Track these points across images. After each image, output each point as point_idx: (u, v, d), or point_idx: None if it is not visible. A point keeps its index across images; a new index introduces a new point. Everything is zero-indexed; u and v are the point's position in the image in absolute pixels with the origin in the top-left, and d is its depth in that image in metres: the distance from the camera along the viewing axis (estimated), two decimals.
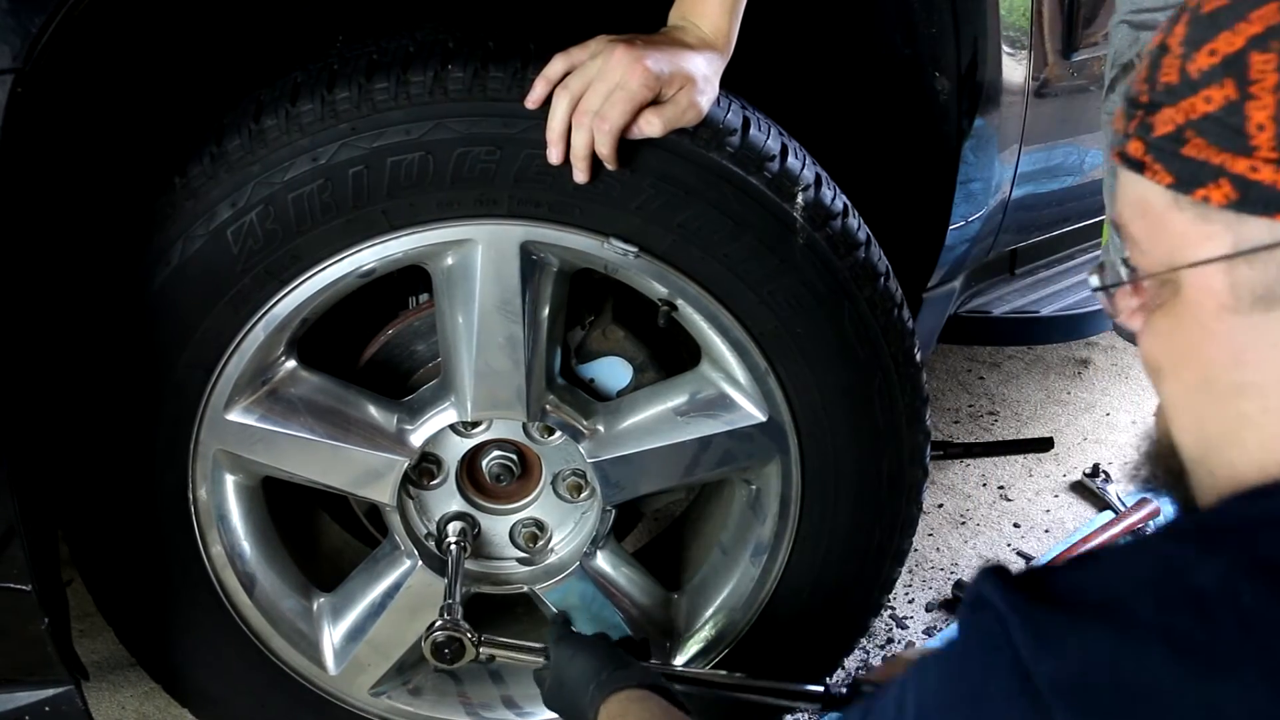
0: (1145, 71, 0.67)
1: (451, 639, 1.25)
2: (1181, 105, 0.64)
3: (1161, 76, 0.65)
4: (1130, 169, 0.67)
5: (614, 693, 1.11)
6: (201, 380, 1.24)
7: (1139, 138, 0.66)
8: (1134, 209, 0.68)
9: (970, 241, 1.60)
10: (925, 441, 1.39)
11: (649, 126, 1.11)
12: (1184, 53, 0.64)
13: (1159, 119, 0.65)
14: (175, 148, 1.19)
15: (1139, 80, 0.67)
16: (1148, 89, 0.66)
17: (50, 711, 1.23)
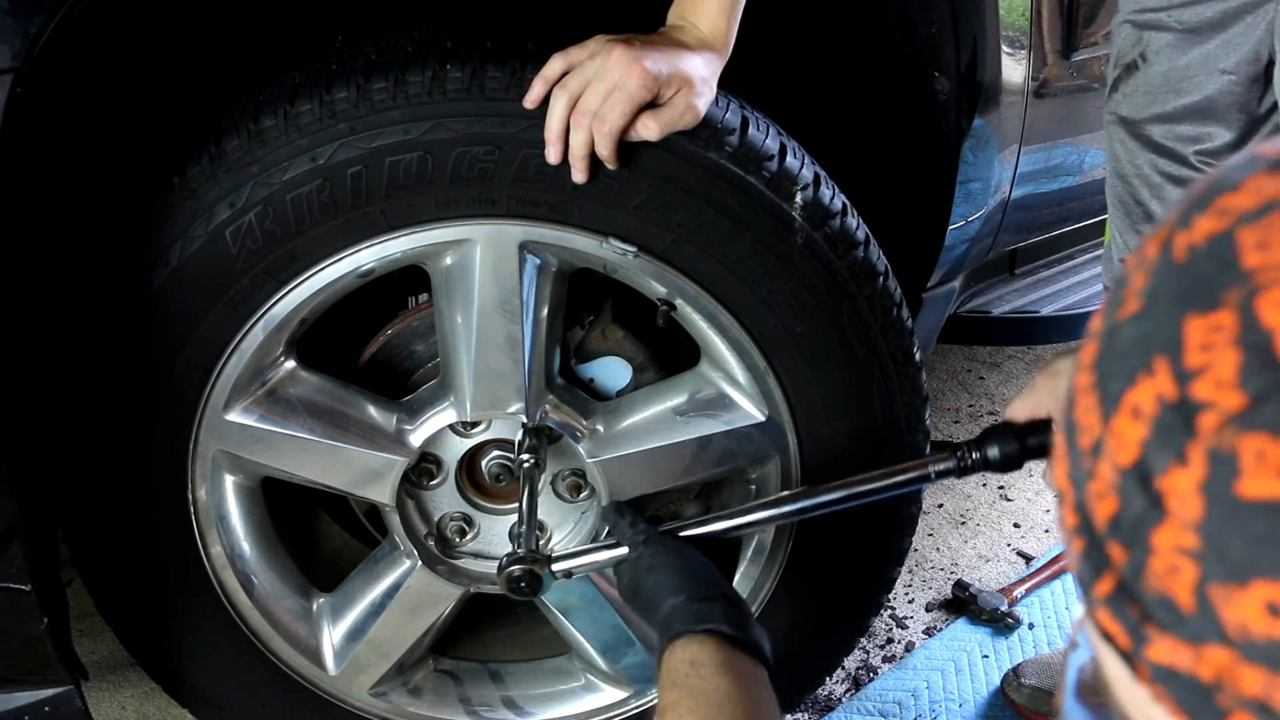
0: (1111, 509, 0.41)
1: (527, 574, 1.14)
2: (1207, 654, 0.39)
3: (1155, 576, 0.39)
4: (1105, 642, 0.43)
5: (687, 637, 0.95)
6: (200, 380, 1.24)
7: (1117, 620, 0.42)
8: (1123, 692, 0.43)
9: (970, 241, 1.60)
10: (925, 441, 1.39)
11: (646, 130, 1.11)
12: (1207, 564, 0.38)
13: (1160, 641, 0.40)
14: (174, 148, 1.19)
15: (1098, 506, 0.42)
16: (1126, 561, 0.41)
17: (50, 712, 1.23)
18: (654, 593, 1.02)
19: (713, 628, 0.95)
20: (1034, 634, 1.92)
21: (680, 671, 0.92)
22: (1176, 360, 0.38)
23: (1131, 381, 0.40)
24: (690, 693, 0.89)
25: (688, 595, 0.99)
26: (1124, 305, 0.42)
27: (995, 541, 2.17)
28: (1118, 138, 1.40)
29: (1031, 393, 1.06)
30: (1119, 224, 1.45)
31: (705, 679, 0.90)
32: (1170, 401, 0.38)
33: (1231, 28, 1.25)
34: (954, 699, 1.79)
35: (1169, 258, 0.40)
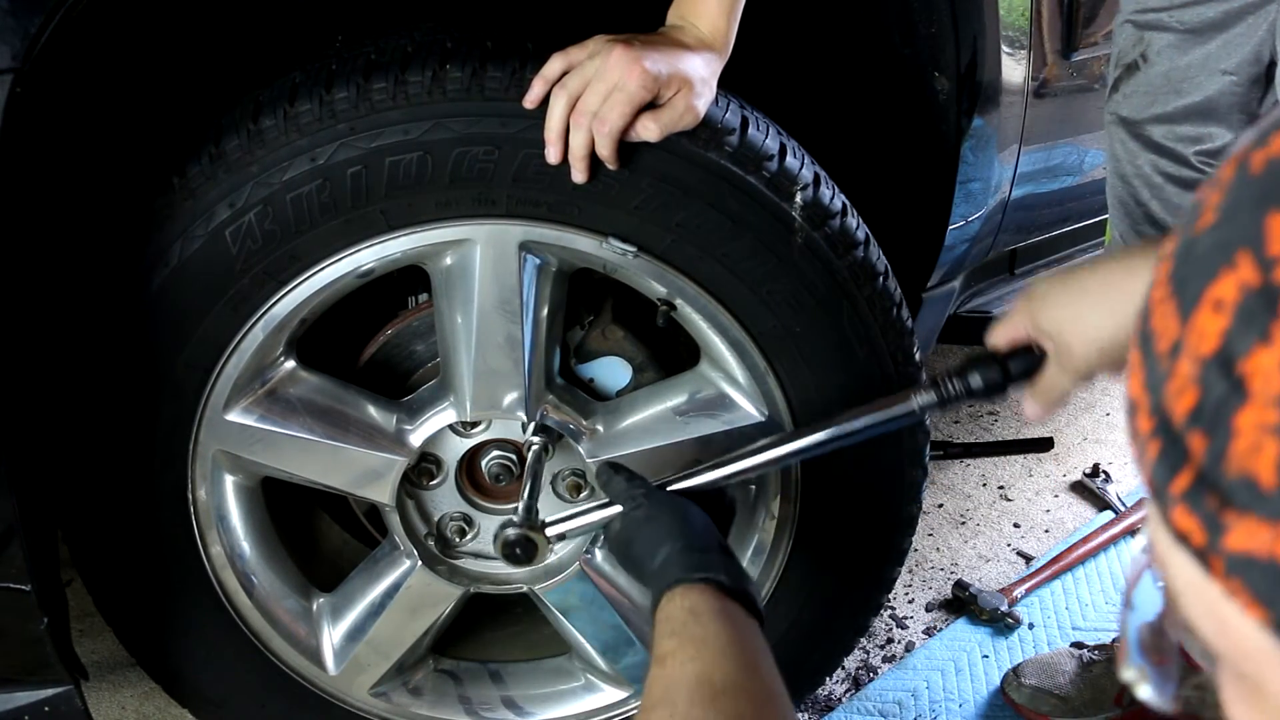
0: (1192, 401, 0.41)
1: (522, 538, 1.15)
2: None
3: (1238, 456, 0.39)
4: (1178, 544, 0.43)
5: (684, 585, 0.95)
6: (200, 380, 1.24)
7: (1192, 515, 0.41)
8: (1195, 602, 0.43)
9: (970, 241, 1.60)
10: (925, 441, 1.39)
11: (646, 132, 1.11)
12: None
13: (1238, 526, 0.40)
14: (174, 148, 1.19)
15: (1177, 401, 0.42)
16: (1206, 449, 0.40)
17: (50, 712, 1.23)
18: (648, 544, 1.01)
19: (710, 576, 0.95)
20: (1034, 634, 1.92)
21: (678, 619, 0.91)
22: (1259, 250, 0.39)
23: (1212, 277, 0.40)
24: (690, 639, 0.88)
25: (684, 544, 0.99)
26: (1199, 220, 0.43)
27: (995, 541, 2.17)
28: (1118, 138, 1.40)
29: (1011, 317, 1.04)
30: (1119, 224, 1.45)
31: (705, 626, 0.90)
32: (1254, 287, 0.39)
33: (1233, 28, 1.25)
34: (954, 699, 1.79)
35: (1246, 173, 0.41)
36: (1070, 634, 1.92)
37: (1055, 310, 1.00)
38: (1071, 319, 0.98)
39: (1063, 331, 0.99)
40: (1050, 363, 1.01)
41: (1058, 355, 1.00)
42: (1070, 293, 0.99)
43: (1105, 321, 0.96)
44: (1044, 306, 1.01)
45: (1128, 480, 2.35)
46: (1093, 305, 0.97)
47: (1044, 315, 1.01)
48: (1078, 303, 0.98)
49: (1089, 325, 0.97)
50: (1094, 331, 0.97)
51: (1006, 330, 1.05)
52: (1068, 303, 0.99)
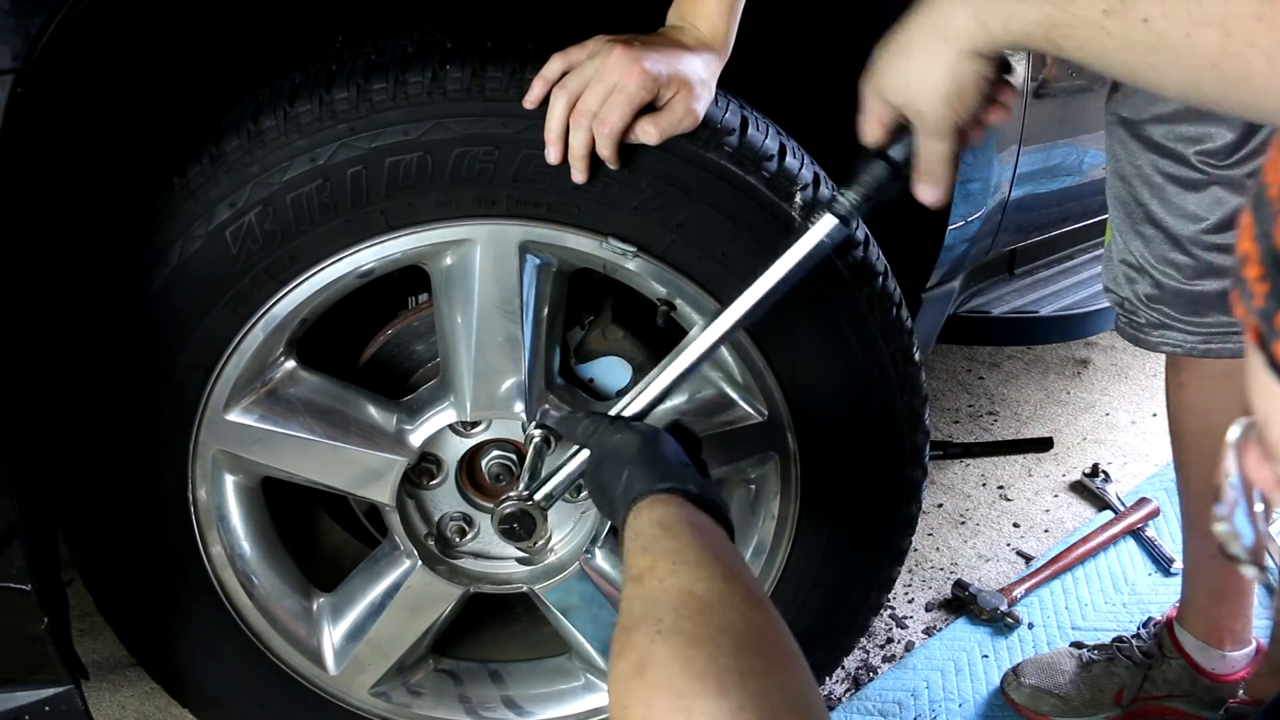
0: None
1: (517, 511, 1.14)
2: None
3: None
4: None
5: (650, 498, 0.93)
6: (201, 381, 1.24)
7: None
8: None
9: (969, 241, 1.61)
10: (924, 441, 1.40)
11: (645, 135, 1.11)
12: None
13: None
14: (174, 148, 1.20)
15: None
16: None
17: (50, 711, 1.23)
18: (613, 468, 1.00)
19: (675, 485, 0.94)
20: (1033, 633, 1.93)
21: (649, 534, 0.89)
22: None
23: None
24: (665, 553, 0.86)
25: (647, 459, 0.97)
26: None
27: (995, 541, 2.17)
28: (1118, 138, 1.40)
29: (866, 106, 1.00)
30: (1119, 224, 1.45)
31: (676, 538, 0.88)
32: None
33: None
34: (954, 698, 1.79)
35: None
36: (1070, 634, 1.93)
37: (892, 76, 0.96)
38: (909, 78, 0.94)
39: (909, 94, 0.95)
40: (917, 134, 0.97)
41: (916, 121, 0.96)
42: (898, 54, 0.95)
43: (934, 70, 0.92)
44: (882, 79, 0.97)
45: (1127, 480, 2.35)
46: (918, 58, 0.93)
47: (886, 87, 0.97)
48: (907, 61, 0.94)
49: (924, 78, 0.93)
50: (932, 83, 0.93)
51: (868, 121, 1.00)
52: (899, 64, 0.95)
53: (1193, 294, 1.39)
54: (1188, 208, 1.35)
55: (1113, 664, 1.74)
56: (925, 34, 0.93)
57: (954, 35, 0.91)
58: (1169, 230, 1.37)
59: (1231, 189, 1.32)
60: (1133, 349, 2.78)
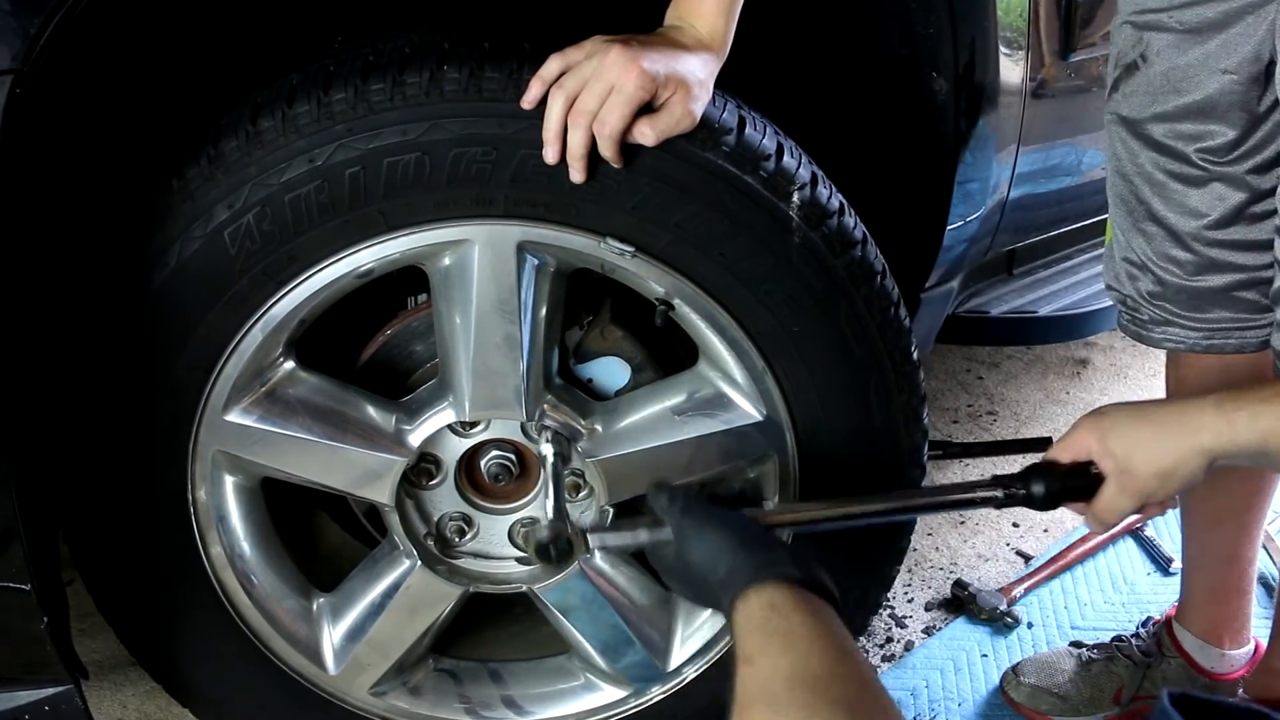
0: None
1: (559, 535, 1.13)
2: None
3: None
4: None
5: (758, 584, 0.94)
6: (200, 381, 1.24)
7: None
8: None
9: (968, 241, 1.61)
10: (923, 441, 1.40)
11: (643, 137, 1.11)
12: None
13: None
14: (173, 149, 1.20)
15: None
16: None
17: (50, 711, 1.23)
18: (708, 556, 1.02)
19: (781, 572, 0.96)
20: (1033, 633, 1.93)
21: (759, 618, 0.91)
22: None
23: None
24: (776, 634, 0.89)
25: (745, 549, 1.00)
26: None
27: (994, 541, 2.17)
28: (1118, 137, 1.41)
29: (1076, 435, 1.11)
30: (1120, 222, 1.45)
31: (788, 619, 0.90)
32: None
33: (1232, 28, 1.25)
34: (953, 698, 1.79)
35: None
36: (1069, 633, 1.93)
37: (1126, 433, 1.07)
38: (1140, 443, 1.06)
39: (1131, 456, 1.06)
40: (1110, 483, 1.09)
41: (1120, 477, 1.08)
42: (1141, 419, 1.08)
43: (1171, 449, 1.04)
44: (1115, 429, 1.08)
45: None
46: (1161, 432, 1.05)
47: (1115, 437, 1.08)
48: (1148, 429, 1.06)
49: (1155, 451, 1.05)
50: (1159, 458, 1.05)
51: (1070, 447, 1.12)
52: (1138, 428, 1.07)
53: (1195, 290, 1.39)
54: (1189, 204, 1.35)
55: (1112, 663, 1.74)
56: (1172, 413, 1.07)
57: (1198, 428, 1.03)
58: (1170, 227, 1.37)
59: (1232, 185, 1.32)
60: (1132, 348, 2.79)
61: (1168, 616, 1.73)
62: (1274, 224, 1.28)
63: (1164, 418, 1.06)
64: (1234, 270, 1.36)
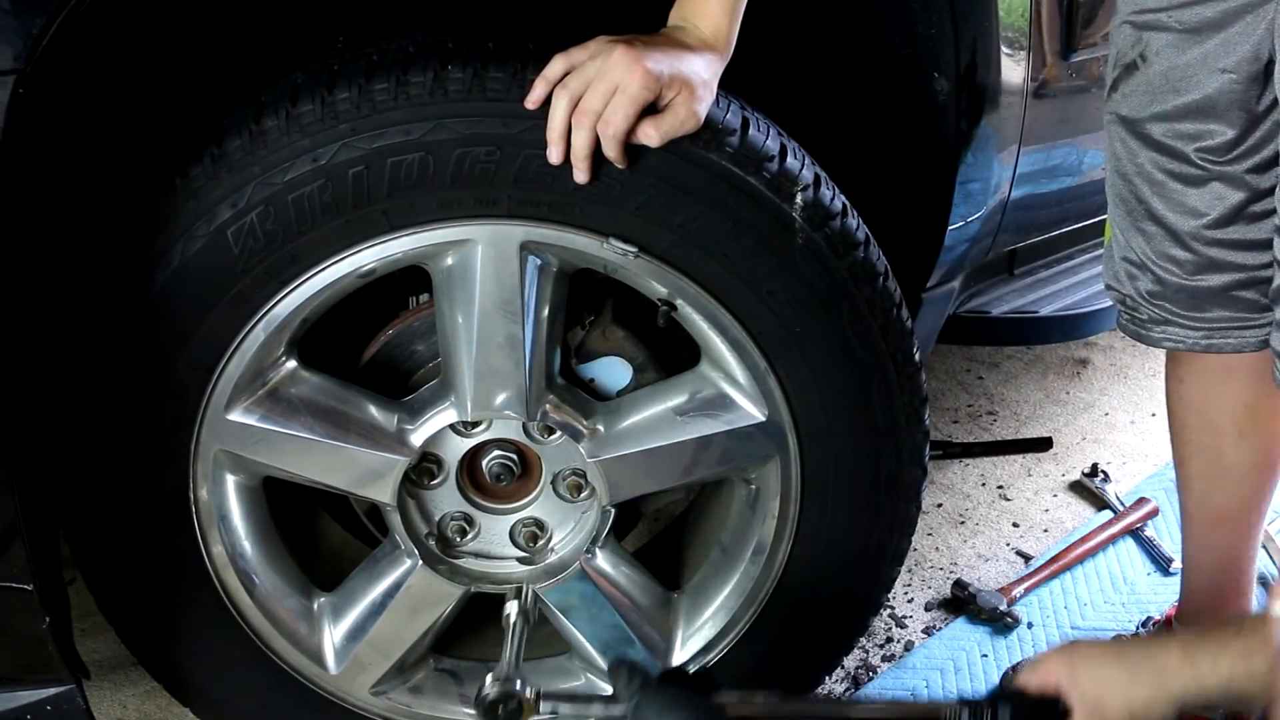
0: None
1: (509, 696, 1.15)
2: None
3: None
4: None
5: None
6: (202, 380, 1.24)
7: None
8: None
9: (969, 242, 1.61)
10: (924, 441, 1.40)
11: (647, 138, 1.11)
12: None
13: None
14: (176, 148, 1.20)
15: None
16: None
17: (52, 710, 1.23)
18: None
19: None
20: (1033, 633, 1.93)
21: None
22: None
23: None
24: None
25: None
26: None
27: (994, 541, 2.17)
28: (1118, 137, 1.41)
29: (1046, 666, 1.12)
30: (1120, 222, 1.46)
31: None
32: None
33: (1231, 27, 1.26)
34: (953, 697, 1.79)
35: None
36: (1069, 633, 1.93)
37: (1100, 671, 1.09)
38: (1111, 683, 1.08)
39: (1102, 698, 1.08)
40: (1075, 717, 1.09)
41: (1088, 713, 1.08)
42: (1113, 660, 1.10)
43: (1140, 693, 1.06)
44: (1088, 666, 1.10)
45: (1126, 480, 2.36)
46: (1133, 677, 1.07)
47: (1087, 674, 1.10)
48: (1119, 671, 1.08)
49: (1126, 693, 1.07)
50: (1129, 700, 1.07)
51: (1040, 676, 1.12)
52: (1110, 669, 1.09)
53: (1194, 289, 1.39)
54: (1188, 204, 1.35)
55: None
56: (1141, 657, 1.09)
57: (1166, 676, 1.05)
58: (1170, 226, 1.37)
59: (1232, 185, 1.32)
60: (1132, 349, 2.79)
61: (1168, 617, 1.74)
62: (1273, 223, 1.28)
63: (1134, 663, 1.08)
64: (1233, 270, 1.36)
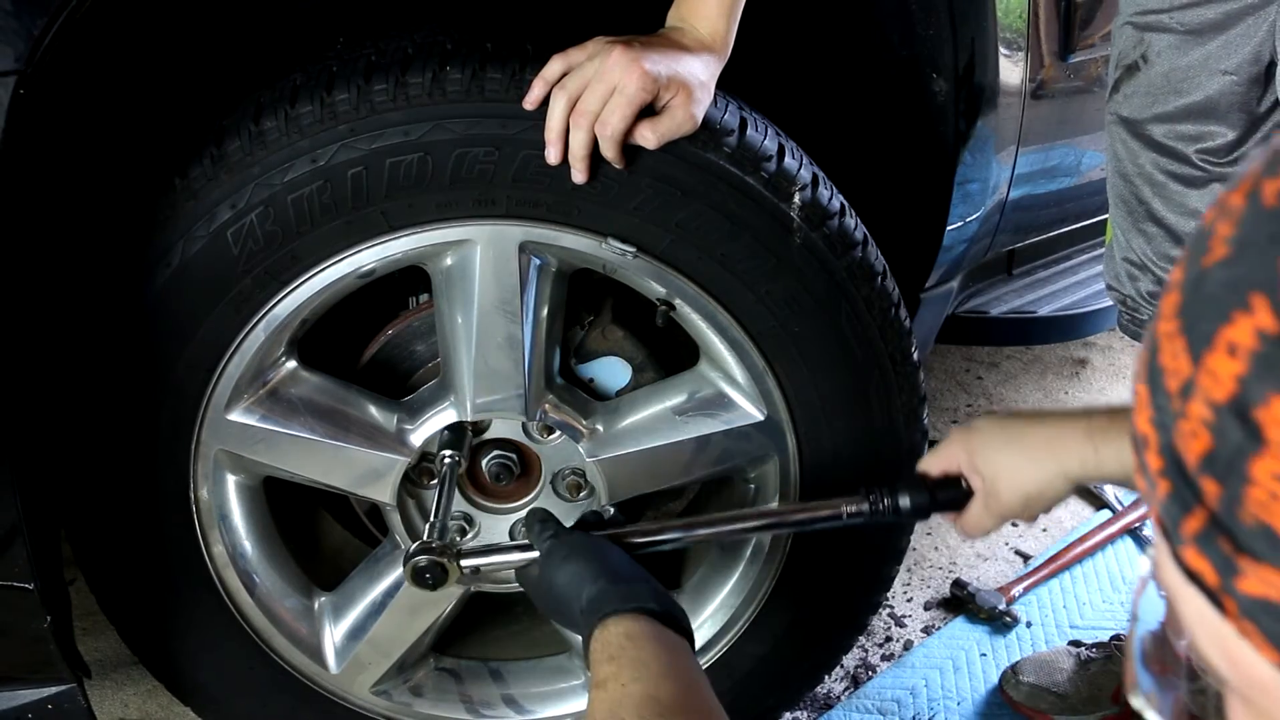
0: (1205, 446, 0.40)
1: (433, 564, 1.14)
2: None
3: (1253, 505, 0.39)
4: (1190, 582, 0.42)
5: (616, 615, 0.98)
6: (202, 381, 1.24)
7: (1205, 557, 0.41)
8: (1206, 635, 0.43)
9: (968, 242, 1.61)
10: (923, 441, 1.40)
11: (644, 140, 1.12)
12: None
13: (1253, 572, 0.39)
14: (176, 149, 1.20)
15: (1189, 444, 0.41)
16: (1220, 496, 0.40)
17: (53, 710, 1.24)
18: (571, 583, 1.04)
19: (641, 605, 0.99)
20: (1032, 632, 1.93)
21: (615, 645, 0.95)
22: (1275, 296, 0.38)
23: (1227, 320, 0.39)
24: (629, 663, 0.92)
25: (609, 579, 1.02)
26: (1210, 253, 0.41)
27: (993, 540, 2.17)
28: (1119, 138, 1.41)
29: (948, 449, 1.11)
30: (1121, 222, 1.46)
31: (642, 649, 0.94)
32: (1271, 334, 0.38)
33: (1232, 29, 1.26)
34: (952, 697, 1.79)
35: (1258, 205, 0.40)
36: (1068, 632, 1.93)
37: (993, 454, 1.07)
38: (1005, 466, 1.06)
39: (996, 476, 1.06)
40: (976, 501, 1.09)
41: (985, 495, 1.08)
42: (1009, 441, 1.06)
43: (1035, 475, 1.04)
44: (983, 449, 1.08)
45: None
46: (1027, 458, 1.04)
47: (981, 457, 1.08)
48: (1014, 453, 1.06)
49: (1020, 475, 1.05)
50: (1023, 482, 1.05)
51: (941, 460, 1.12)
52: (1005, 450, 1.06)
53: None
54: (1189, 205, 1.35)
55: (1111, 662, 1.74)
56: (1040, 437, 1.04)
57: (1065, 456, 1.01)
58: (1171, 227, 1.38)
59: None
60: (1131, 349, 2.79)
61: None
62: None
63: (1032, 442, 1.05)
64: None
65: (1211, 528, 0.40)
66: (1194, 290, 0.41)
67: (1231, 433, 0.39)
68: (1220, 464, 0.39)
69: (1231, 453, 0.39)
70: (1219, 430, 0.39)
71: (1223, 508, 0.40)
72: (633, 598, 1.00)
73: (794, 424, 1.34)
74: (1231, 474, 0.39)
